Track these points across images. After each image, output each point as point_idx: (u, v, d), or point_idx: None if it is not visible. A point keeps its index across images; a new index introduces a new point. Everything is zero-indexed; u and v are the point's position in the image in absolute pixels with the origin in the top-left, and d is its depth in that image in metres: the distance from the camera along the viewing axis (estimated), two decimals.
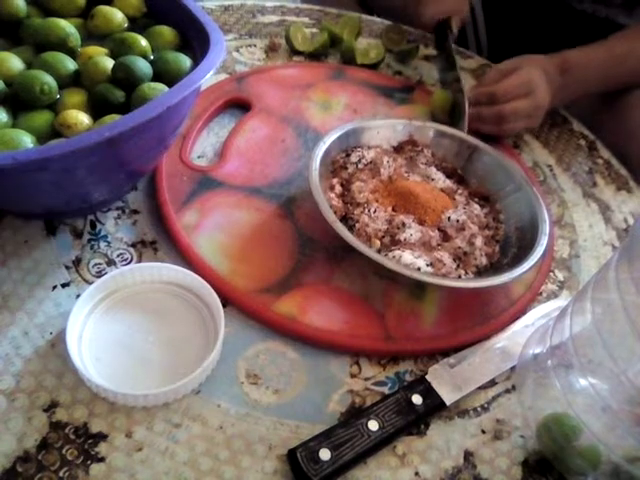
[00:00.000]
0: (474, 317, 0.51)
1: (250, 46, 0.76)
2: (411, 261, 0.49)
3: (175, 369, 0.42)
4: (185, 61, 0.50)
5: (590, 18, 0.82)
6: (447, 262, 0.51)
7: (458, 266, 0.52)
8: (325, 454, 0.39)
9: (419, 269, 0.49)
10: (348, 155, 0.59)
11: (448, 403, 0.44)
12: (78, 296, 0.45)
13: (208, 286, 0.46)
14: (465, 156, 0.62)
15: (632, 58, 0.70)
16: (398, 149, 0.62)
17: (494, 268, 0.53)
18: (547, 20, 0.87)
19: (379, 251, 0.51)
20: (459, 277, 0.51)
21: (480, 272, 0.53)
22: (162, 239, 0.53)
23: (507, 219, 0.57)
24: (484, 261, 0.53)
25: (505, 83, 0.66)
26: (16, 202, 0.46)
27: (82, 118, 0.45)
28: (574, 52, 0.70)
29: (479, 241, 0.54)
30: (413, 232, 0.52)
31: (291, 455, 0.40)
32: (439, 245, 0.53)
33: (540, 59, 0.69)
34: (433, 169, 0.60)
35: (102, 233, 0.52)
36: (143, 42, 0.50)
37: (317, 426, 0.43)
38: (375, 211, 0.53)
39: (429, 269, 0.50)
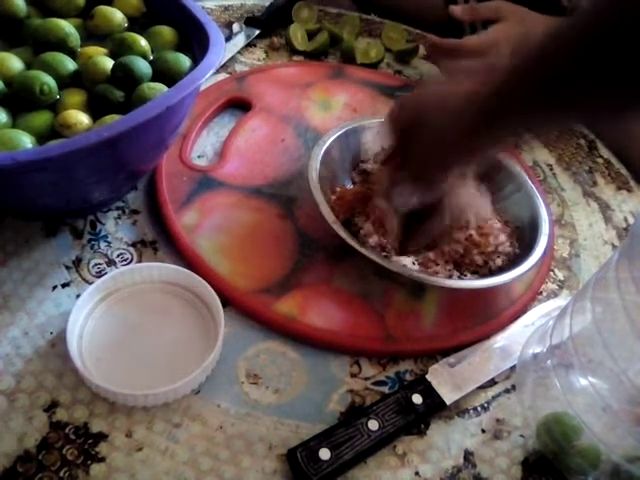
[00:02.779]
0: (474, 317, 0.51)
1: (250, 45, 0.76)
2: (398, 259, 0.49)
3: (175, 369, 0.42)
4: (185, 61, 0.50)
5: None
6: (440, 262, 0.51)
7: (456, 266, 0.52)
8: (325, 454, 0.39)
9: (404, 266, 0.49)
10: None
11: (448, 403, 0.44)
12: (78, 296, 0.45)
13: (208, 286, 0.46)
14: None
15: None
16: None
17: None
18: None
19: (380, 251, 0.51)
20: (450, 277, 0.51)
21: (478, 272, 0.53)
22: (162, 239, 0.52)
23: (507, 219, 0.57)
24: (499, 262, 0.53)
25: (471, 40, 0.66)
26: (16, 202, 0.46)
27: (82, 118, 0.45)
28: None
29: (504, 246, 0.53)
30: None
31: (291, 455, 0.40)
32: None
33: (530, 14, 0.66)
34: None
35: (102, 233, 0.52)
36: (143, 42, 0.50)
37: (317, 426, 0.43)
38: None
39: (415, 267, 0.50)
